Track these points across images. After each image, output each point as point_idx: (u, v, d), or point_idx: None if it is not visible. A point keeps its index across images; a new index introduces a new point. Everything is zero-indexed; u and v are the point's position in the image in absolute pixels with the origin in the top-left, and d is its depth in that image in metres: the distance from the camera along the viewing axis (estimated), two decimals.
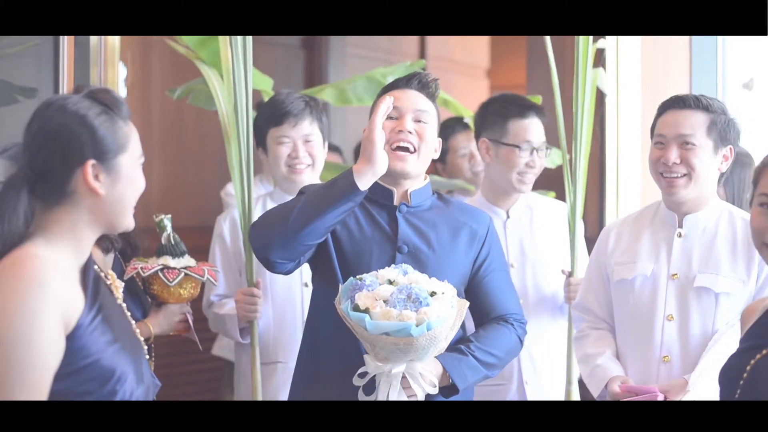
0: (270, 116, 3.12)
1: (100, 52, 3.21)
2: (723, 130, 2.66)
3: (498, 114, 3.23)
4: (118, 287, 1.95)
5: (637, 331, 2.72)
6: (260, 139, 3.17)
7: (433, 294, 2.30)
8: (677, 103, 2.70)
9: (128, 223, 1.84)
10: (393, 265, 2.40)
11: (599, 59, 3.30)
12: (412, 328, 2.23)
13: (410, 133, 2.50)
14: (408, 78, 2.58)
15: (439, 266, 2.50)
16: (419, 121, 2.53)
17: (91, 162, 1.74)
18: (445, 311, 2.29)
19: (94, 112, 1.76)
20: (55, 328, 1.67)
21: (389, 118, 2.51)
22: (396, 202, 2.56)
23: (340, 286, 2.38)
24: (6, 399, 1.64)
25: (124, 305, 1.93)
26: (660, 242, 2.74)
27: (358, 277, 2.36)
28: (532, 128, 3.18)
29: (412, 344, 2.25)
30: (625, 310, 2.75)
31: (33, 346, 1.65)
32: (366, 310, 2.26)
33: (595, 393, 2.72)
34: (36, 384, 1.66)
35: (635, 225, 2.82)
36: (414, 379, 2.34)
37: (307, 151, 3.11)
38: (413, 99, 2.55)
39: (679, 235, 2.71)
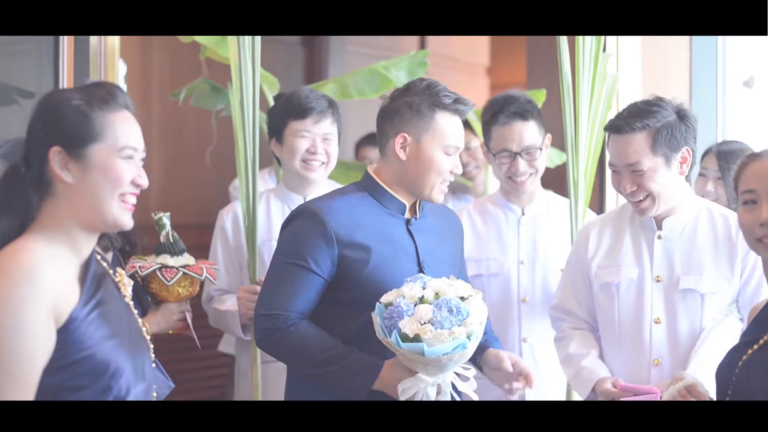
0: (292, 110, 3.11)
1: (100, 52, 3.20)
2: (668, 141, 2.58)
3: (485, 120, 3.25)
4: (127, 285, 1.95)
5: (625, 336, 2.70)
6: (277, 132, 3.15)
7: (462, 299, 2.32)
8: (612, 128, 2.64)
9: (113, 218, 1.79)
10: (409, 279, 2.39)
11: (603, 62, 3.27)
12: (467, 342, 2.26)
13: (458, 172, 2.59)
14: (466, 105, 2.54)
15: (452, 270, 2.56)
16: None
17: (55, 149, 1.75)
18: (483, 313, 2.34)
19: (72, 102, 1.77)
20: (44, 320, 1.67)
21: (449, 153, 2.53)
22: (407, 214, 2.58)
23: (373, 315, 2.36)
24: None
25: (131, 303, 1.93)
26: (641, 245, 2.71)
27: (384, 302, 2.34)
28: (512, 134, 3.16)
29: (465, 354, 2.30)
30: (611, 314, 2.73)
31: (20, 337, 1.65)
32: (416, 338, 2.25)
33: (583, 395, 2.70)
34: (23, 376, 1.66)
35: (614, 226, 2.79)
36: (461, 380, 2.39)
37: (325, 149, 3.11)
38: (462, 133, 2.57)
39: (659, 237, 2.69)
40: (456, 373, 2.38)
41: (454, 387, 2.41)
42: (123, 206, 1.80)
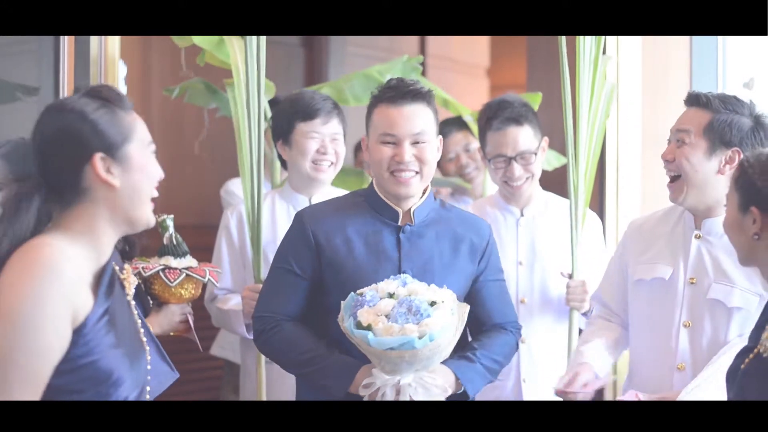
0: (299, 111, 3.11)
1: (100, 52, 3.21)
2: (721, 131, 2.51)
3: (480, 125, 3.26)
4: (132, 283, 1.95)
5: (652, 336, 2.64)
6: (283, 134, 3.15)
7: (433, 304, 2.30)
8: (687, 98, 2.61)
9: (147, 216, 1.84)
10: (392, 276, 2.40)
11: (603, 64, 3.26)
12: (415, 341, 2.24)
13: (409, 161, 2.50)
14: (402, 92, 2.50)
15: (441, 282, 2.48)
16: (417, 143, 2.51)
17: (99, 155, 1.77)
18: (447, 320, 2.30)
19: (92, 107, 1.78)
20: (63, 316, 1.67)
21: (386, 143, 2.50)
22: (401, 221, 2.56)
23: (342, 303, 2.39)
24: (5, 382, 1.64)
25: (133, 303, 1.93)
26: (679, 244, 2.64)
27: (358, 292, 2.37)
28: (506, 140, 3.15)
29: (416, 356, 2.27)
30: (642, 312, 2.69)
31: (38, 331, 1.65)
32: (368, 327, 2.27)
33: None
34: (36, 370, 1.66)
35: (659, 224, 2.73)
36: (425, 389, 2.34)
37: (334, 149, 3.13)
38: (410, 121, 2.50)
39: (697, 237, 2.62)
40: (422, 379, 2.35)
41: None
42: (151, 204, 1.86)
